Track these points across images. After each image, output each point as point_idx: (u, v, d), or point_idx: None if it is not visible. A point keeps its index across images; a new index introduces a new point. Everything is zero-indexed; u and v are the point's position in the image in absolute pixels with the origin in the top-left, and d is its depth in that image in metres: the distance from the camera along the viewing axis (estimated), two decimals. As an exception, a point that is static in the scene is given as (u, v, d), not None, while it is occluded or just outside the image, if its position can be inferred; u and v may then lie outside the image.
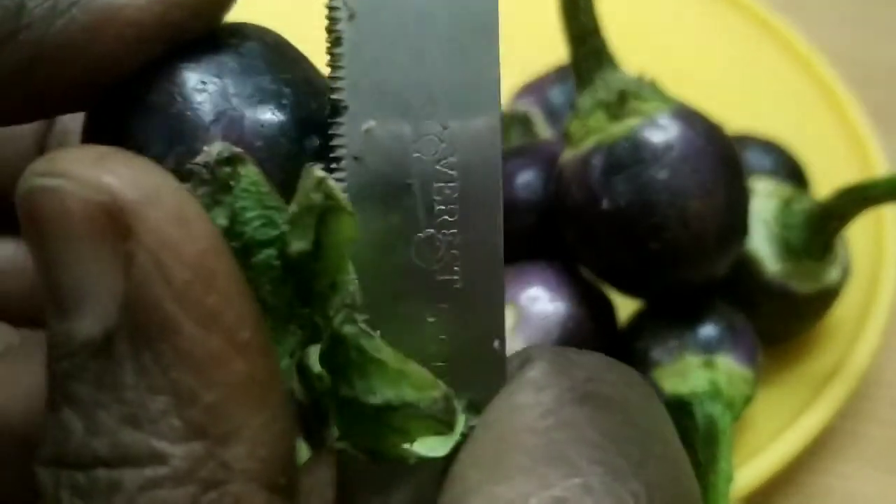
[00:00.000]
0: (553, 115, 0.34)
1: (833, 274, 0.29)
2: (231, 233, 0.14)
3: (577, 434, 0.14)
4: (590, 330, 0.27)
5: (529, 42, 0.36)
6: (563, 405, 0.14)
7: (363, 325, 0.14)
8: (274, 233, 0.14)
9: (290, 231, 0.14)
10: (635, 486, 0.13)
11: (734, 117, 0.30)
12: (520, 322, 0.27)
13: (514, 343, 0.26)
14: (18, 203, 0.13)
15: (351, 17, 0.15)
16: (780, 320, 0.29)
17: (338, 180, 0.15)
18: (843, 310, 0.30)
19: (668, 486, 0.14)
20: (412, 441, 0.14)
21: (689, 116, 0.26)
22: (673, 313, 0.27)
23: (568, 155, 0.27)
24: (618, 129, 0.26)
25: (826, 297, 0.29)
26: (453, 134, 0.15)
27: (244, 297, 0.13)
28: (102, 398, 0.12)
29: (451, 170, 0.15)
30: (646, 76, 0.26)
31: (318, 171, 0.14)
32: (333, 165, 0.15)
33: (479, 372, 0.15)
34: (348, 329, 0.14)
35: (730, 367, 0.26)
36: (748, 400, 0.27)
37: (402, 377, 0.14)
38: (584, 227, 0.26)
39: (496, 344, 0.15)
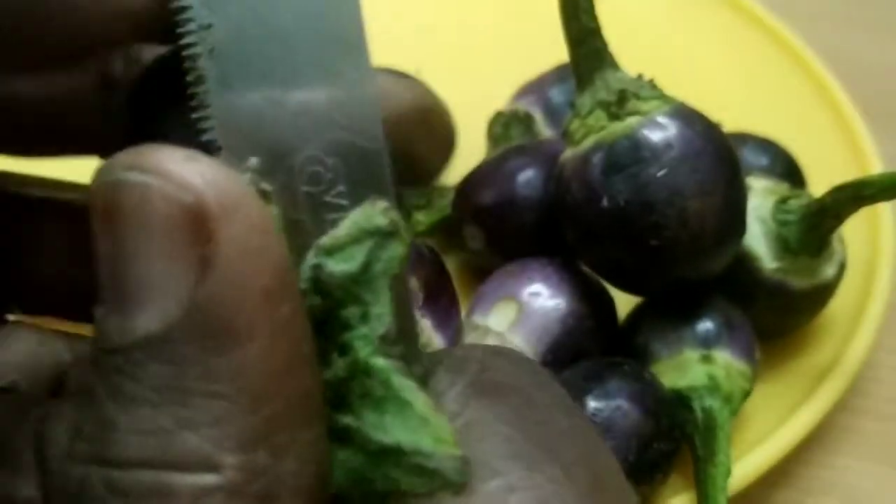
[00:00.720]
0: (553, 114, 0.34)
1: (829, 270, 0.29)
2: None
3: (486, 431, 0.14)
4: (590, 325, 0.27)
5: (529, 42, 0.36)
6: (466, 405, 0.14)
7: (398, 363, 0.13)
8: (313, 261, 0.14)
9: (333, 252, 0.14)
10: (552, 470, 0.13)
11: (731, 116, 0.30)
12: (521, 317, 0.27)
13: (513, 338, 0.27)
14: (95, 192, 0.12)
15: (211, 51, 0.14)
16: (776, 316, 0.29)
17: None
18: (839, 305, 0.30)
19: (584, 460, 0.14)
20: (401, 490, 0.13)
21: (687, 116, 0.26)
22: (672, 309, 0.27)
23: (568, 154, 0.27)
24: (617, 128, 0.26)
25: (822, 293, 0.29)
26: (338, 162, 0.15)
27: (304, 312, 0.13)
28: (157, 398, 0.12)
29: (342, 199, 0.15)
30: (645, 76, 0.27)
31: (384, 202, 0.14)
32: None
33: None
34: (379, 362, 0.13)
35: (728, 362, 0.27)
36: (746, 394, 0.27)
37: (424, 425, 0.13)
38: (584, 225, 0.27)
39: (415, 369, 0.14)
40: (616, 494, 0.14)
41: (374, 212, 0.14)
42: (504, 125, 0.35)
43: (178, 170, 0.12)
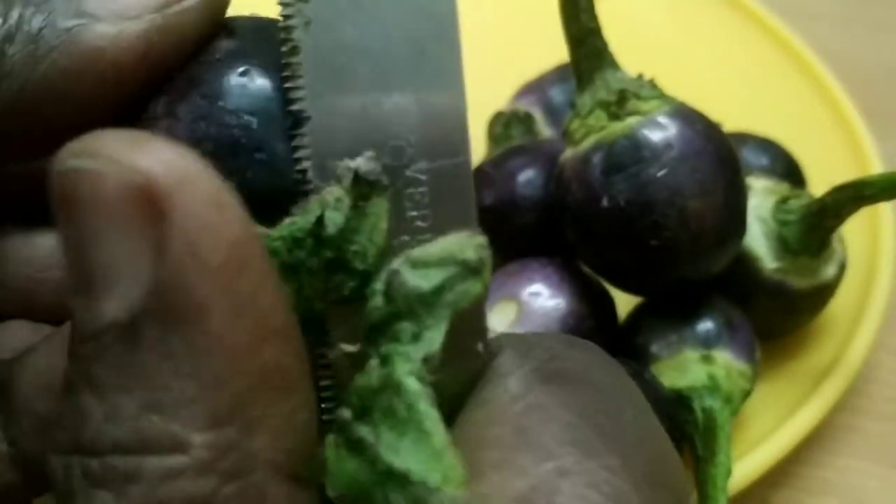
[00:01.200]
0: (553, 114, 0.34)
1: (829, 270, 0.29)
2: (316, 238, 0.14)
3: (547, 415, 0.14)
4: (590, 325, 0.27)
5: (529, 42, 0.36)
6: (530, 388, 0.14)
7: (429, 390, 0.13)
8: (359, 266, 0.14)
9: (416, 266, 0.14)
10: (610, 460, 0.13)
11: (731, 116, 0.30)
12: (521, 317, 0.27)
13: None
14: (52, 183, 0.12)
15: (307, 24, 0.14)
16: (777, 316, 0.29)
17: (305, 193, 0.14)
18: (839, 305, 0.30)
19: (644, 454, 0.14)
20: None
21: (688, 116, 0.26)
22: (672, 309, 0.27)
23: (568, 154, 0.27)
24: (618, 128, 0.26)
25: (823, 293, 0.29)
26: (421, 140, 0.15)
27: (275, 284, 0.13)
28: (125, 382, 0.12)
29: (421, 175, 0.15)
30: (645, 76, 0.27)
31: (482, 238, 0.14)
32: (298, 177, 0.14)
33: (463, 376, 0.15)
34: (412, 383, 0.13)
35: (728, 362, 0.27)
36: (746, 394, 0.27)
37: (438, 459, 0.13)
38: (584, 225, 0.27)
39: (479, 346, 0.15)
40: (674, 493, 0.14)
41: (469, 244, 0.14)
42: (504, 125, 0.35)
43: (126, 152, 0.12)
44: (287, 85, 0.15)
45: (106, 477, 0.12)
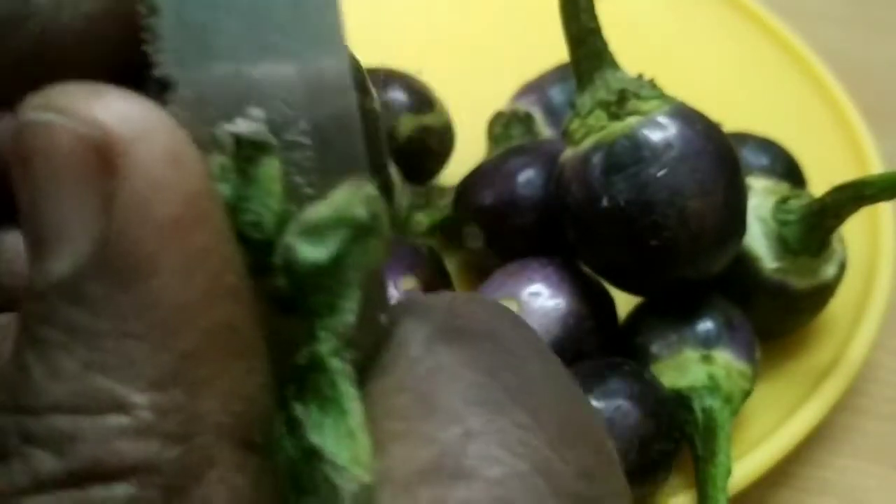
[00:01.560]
0: (553, 114, 0.34)
1: (829, 270, 0.29)
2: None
3: (450, 377, 0.13)
4: (590, 325, 0.27)
5: (529, 42, 0.36)
6: (431, 350, 0.13)
7: (348, 367, 0.13)
8: (258, 237, 0.13)
9: (308, 234, 0.13)
10: (521, 416, 0.13)
11: (731, 116, 0.30)
12: (521, 318, 0.27)
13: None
14: (11, 137, 0.12)
15: None
16: (777, 316, 0.29)
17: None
18: (839, 305, 0.30)
19: (555, 405, 0.13)
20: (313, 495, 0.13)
21: (688, 115, 0.26)
22: (672, 309, 0.27)
23: (568, 153, 0.27)
24: (617, 128, 0.26)
25: (823, 293, 0.29)
26: (301, 98, 0.14)
27: (229, 242, 0.12)
28: (68, 341, 0.11)
29: (304, 137, 0.14)
30: (645, 76, 0.27)
31: (371, 188, 0.13)
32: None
33: (366, 348, 0.14)
34: (334, 362, 0.13)
35: (728, 362, 0.27)
36: (746, 394, 0.27)
37: (350, 439, 0.13)
38: (584, 225, 0.27)
39: (382, 318, 0.14)
40: (590, 443, 0.13)
41: (356, 199, 0.13)
42: (504, 125, 0.35)
43: (82, 104, 0.12)
44: (147, 49, 0.13)
45: (46, 437, 0.11)
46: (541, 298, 0.27)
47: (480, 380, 0.13)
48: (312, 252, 0.13)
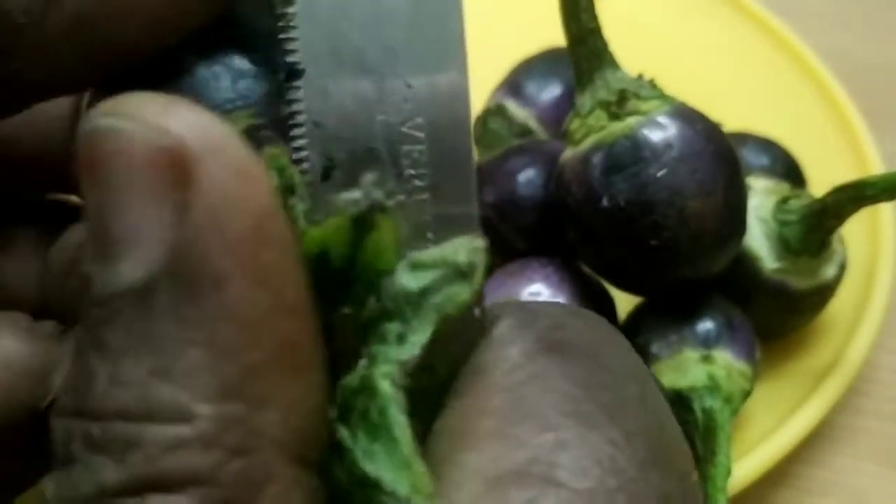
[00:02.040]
0: (523, 97, 0.34)
1: (830, 270, 0.29)
2: (320, 269, 0.13)
3: (547, 386, 0.13)
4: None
5: (527, 46, 0.36)
6: (531, 358, 0.14)
7: (404, 397, 0.13)
8: (363, 290, 0.13)
9: (413, 268, 0.13)
10: (612, 432, 0.13)
11: (732, 116, 0.30)
12: (521, 318, 0.27)
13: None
14: (78, 142, 0.12)
15: None
16: (777, 316, 0.29)
17: (298, 148, 0.14)
18: (839, 305, 0.30)
19: (647, 429, 0.13)
20: None
21: (688, 116, 0.26)
22: (672, 309, 0.27)
23: (568, 153, 0.27)
24: (618, 128, 0.26)
25: (823, 293, 0.29)
26: (418, 93, 0.14)
27: (294, 258, 0.12)
28: (134, 347, 0.11)
29: (419, 131, 0.14)
30: (645, 76, 0.27)
31: (480, 241, 0.14)
32: (293, 132, 0.14)
33: (461, 343, 0.14)
34: (384, 387, 0.13)
35: (728, 362, 0.27)
36: (746, 394, 0.27)
37: (406, 468, 0.13)
38: (584, 225, 0.27)
39: (476, 312, 0.15)
40: (676, 470, 0.14)
41: (464, 247, 0.14)
42: (483, 123, 0.35)
43: (157, 114, 0.12)
44: (282, 36, 0.14)
45: (106, 443, 0.11)
46: (541, 298, 0.27)
47: (576, 393, 0.13)
48: (408, 280, 0.13)
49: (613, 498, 0.12)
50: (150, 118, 0.12)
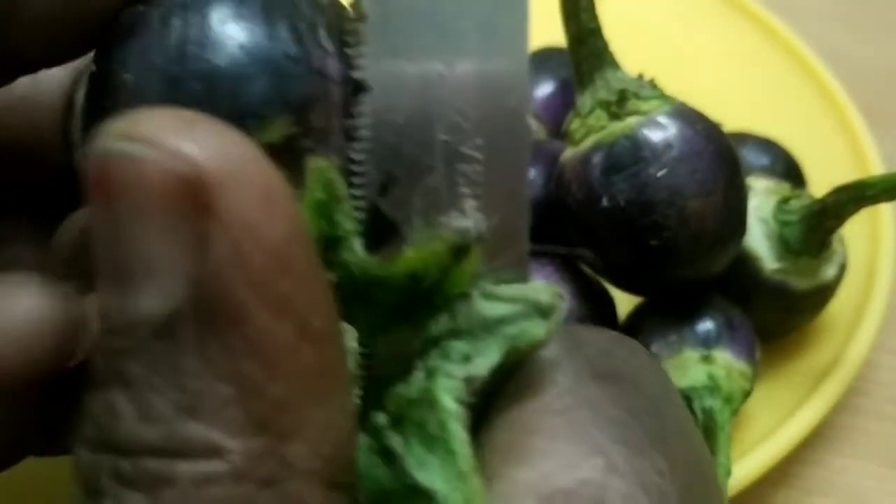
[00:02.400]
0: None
1: (830, 271, 0.29)
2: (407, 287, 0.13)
3: (598, 412, 0.13)
4: (590, 325, 0.27)
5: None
6: (581, 383, 0.14)
7: (463, 409, 0.13)
8: (440, 307, 0.14)
9: (489, 298, 0.14)
10: (659, 461, 0.13)
11: (732, 116, 0.30)
12: (521, 318, 0.27)
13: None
14: (87, 165, 0.11)
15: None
16: (777, 316, 0.29)
17: (355, 161, 0.14)
18: (839, 306, 0.30)
19: (688, 457, 0.14)
20: None
21: (688, 116, 0.26)
22: (672, 309, 0.27)
23: (568, 153, 0.27)
24: (618, 128, 0.26)
25: (823, 294, 0.29)
26: (479, 116, 0.14)
27: (318, 283, 0.12)
28: (159, 382, 0.11)
29: (477, 152, 0.14)
30: (645, 76, 0.27)
31: (561, 292, 0.14)
32: (353, 146, 0.14)
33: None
34: (447, 401, 0.13)
35: (728, 362, 0.27)
36: (746, 394, 0.27)
37: (462, 482, 0.12)
38: (584, 225, 0.27)
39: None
40: (713, 498, 0.14)
41: (546, 290, 0.14)
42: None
43: (173, 137, 0.11)
44: (349, 51, 0.14)
45: (138, 479, 0.11)
46: (541, 298, 0.27)
47: (625, 420, 0.13)
48: (485, 306, 0.14)
49: None
50: (167, 142, 0.11)
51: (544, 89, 0.34)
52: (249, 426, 0.11)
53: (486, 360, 0.13)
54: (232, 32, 0.14)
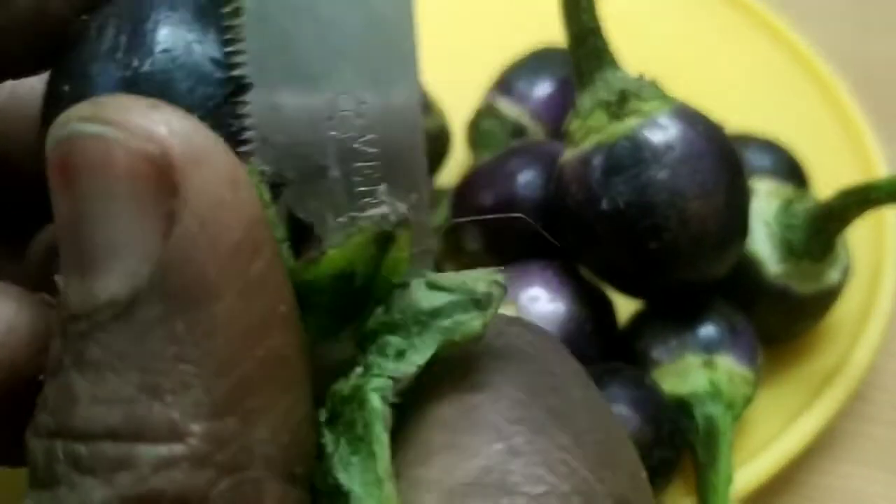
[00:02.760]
0: (513, 94, 0.34)
1: (834, 274, 0.29)
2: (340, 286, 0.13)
3: (495, 394, 0.13)
4: (589, 330, 0.27)
5: (524, 46, 0.36)
6: (475, 366, 0.14)
7: (388, 411, 0.13)
8: (376, 299, 0.13)
9: (432, 287, 0.13)
10: (562, 437, 0.13)
11: (734, 117, 0.30)
12: (520, 322, 0.27)
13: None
14: (51, 147, 0.12)
15: None
16: (780, 321, 0.29)
17: (255, 164, 0.14)
18: (843, 310, 0.30)
19: (594, 430, 0.13)
20: None
21: (689, 116, 0.26)
22: (673, 313, 0.27)
23: (568, 155, 0.27)
24: (618, 128, 0.26)
25: (827, 298, 0.29)
26: (370, 109, 0.14)
27: (282, 270, 0.12)
28: (120, 364, 0.11)
29: (372, 148, 0.14)
30: (646, 76, 0.26)
31: (501, 276, 0.13)
32: (241, 149, 0.14)
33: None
34: (374, 401, 0.13)
35: (730, 368, 0.26)
36: (748, 400, 0.27)
37: (378, 486, 0.12)
38: (583, 227, 0.26)
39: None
40: (626, 469, 0.14)
41: (483, 277, 0.13)
42: (474, 125, 0.35)
43: (140, 119, 0.11)
44: (228, 49, 0.14)
45: (94, 463, 0.11)
46: (540, 302, 0.27)
47: (523, 399, 0.13)
48: (420, 298, 0.13)
49: (569, 500, 0.12)
50: (133, 123, 0.11)
51: (544, 89, 0.34)
52: (213, 409, 0.11)
53: (419, 356, 0.13)
54: (160, 38, 0.14)
